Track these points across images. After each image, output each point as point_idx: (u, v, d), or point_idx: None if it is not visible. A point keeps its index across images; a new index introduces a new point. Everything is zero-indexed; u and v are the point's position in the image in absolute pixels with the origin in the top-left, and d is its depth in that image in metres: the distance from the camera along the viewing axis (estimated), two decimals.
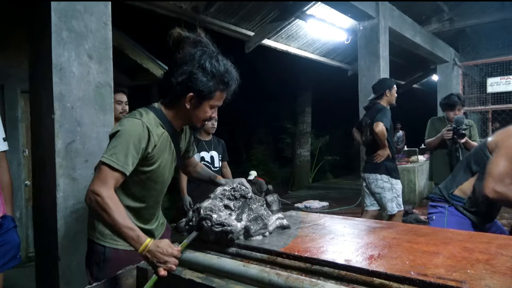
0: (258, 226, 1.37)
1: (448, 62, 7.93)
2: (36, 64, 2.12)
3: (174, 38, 1.46)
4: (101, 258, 1.51)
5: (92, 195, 1.30)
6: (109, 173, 1.33)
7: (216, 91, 1.45)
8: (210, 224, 1.30)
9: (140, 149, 1.40)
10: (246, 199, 1.46)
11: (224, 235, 1.30)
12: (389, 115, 3.61)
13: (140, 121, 1.41)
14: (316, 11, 5.94)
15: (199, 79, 1.40)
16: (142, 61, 5.31)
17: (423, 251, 1.17)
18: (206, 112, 1.49)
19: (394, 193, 3.65)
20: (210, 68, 1.41)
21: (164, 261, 1.22)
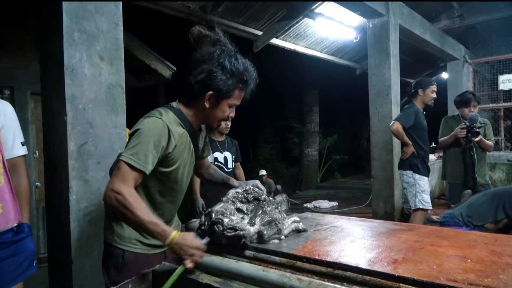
0: (272, 231, 1.33)
1: (458, 60, 7.81)
2: (47, 65, 2.11)
3: (194, 36, 1.48)
4: (119, 261, 1.50)
5: (112, 193, 1.29)
6: (128, 172, 1.32)
7: (235, 90, 1.45)
8: (221, 228, 1.28)
9: (160, 148, 1.39)
10: (260, 201, 1.43)
11: (236, 240, 1.28)
12: (410, 113, 3.72)
13: (161, 120, 1.40)
14: (324, 9, 5.89)
15: (218, 77, 1.40)
16: (150, 62, 5.30)
17: (448, 254, 1.13)
18: (225, 111, 1.49)
19: (417, 189, 3.73)
20: (230, 66, 1.41)
21: (191, 253, 1.25)
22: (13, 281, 1.63)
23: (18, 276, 1.65)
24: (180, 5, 4.72)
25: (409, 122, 3.69)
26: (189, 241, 1.27)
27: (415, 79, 4.13)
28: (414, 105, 3.80)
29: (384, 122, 4.86)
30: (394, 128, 3.70)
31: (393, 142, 4.81)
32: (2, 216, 1.55)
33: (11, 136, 1.68)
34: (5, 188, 1.58)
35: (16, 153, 1.70)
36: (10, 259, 1.62)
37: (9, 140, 1.67)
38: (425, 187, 3.76)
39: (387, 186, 4.89)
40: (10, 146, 1.67)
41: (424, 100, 3.77)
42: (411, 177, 3.76)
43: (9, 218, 1.59)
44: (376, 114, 5.02)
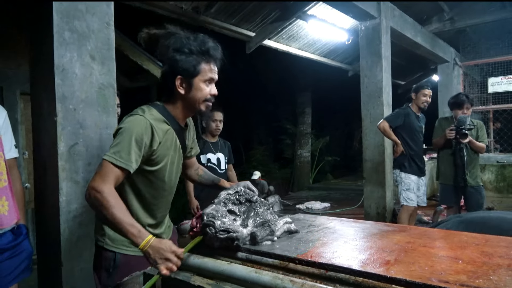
0: (265, 232, 1.32)
1: (448, 62, 7.90)
2: (37, 65, 2.08)
3: (144, 39, 1.48)
4: (110, 264, 1.48)
5: (92, 191, 1.28)
6: (110, 170, 1.31)
7: (200, 64, 1.43)
8: (214, 231, 1.27)
9: (143, 145, 1.37)
10: (252, 203, 1.42)
11: (229, 242, 1.27)
12: (399, 114, 4.05)
13: (143, 117, 1.40)
14: (317, 11, 5.92)
15: (177, 60, 1.40)
16: (143, 62, 5.27)
17: (440, 256, 1.13)
18: (203, 89, 1.45)
19: (403, 187, 4.02)
20: (184, 45, 1.41)
21: (166, 258, 1.21)
22: (9, 283, 1.62)
23: (15, 278, 1.65)
24: (173, 5, 4.70)
25: (396, 122, 4.02)
26: (166, 245, 1.24)
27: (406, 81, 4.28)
28: (407, 108, 4.09)
29: (376, 124, 4.87)
30: (380, 126, 4.05)
31: (384, 143, 4.85)
32: (8, 215, 1.58)
33: (9, 139, 1.71)
34: (8, 188, 1.61)
35: (11, 155, 1.71)
36: (8, 261, 1.62)
37: (7, 143, 1.70)
38: (411, 185, 3.99)
39: (378, 187, 4.92)
40: (8, 148, 1.70)
41: (417, 103, 4.05)
42: (398, 175, 4.08)
43: (12, 217, 1.61)
44: (368, 116, 5.05)
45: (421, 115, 4.15)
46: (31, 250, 1.73)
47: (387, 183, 4.91)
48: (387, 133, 4.05)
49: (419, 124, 4.10)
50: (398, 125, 4.01)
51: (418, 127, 4.08)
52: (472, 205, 3.84)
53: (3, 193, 1.58)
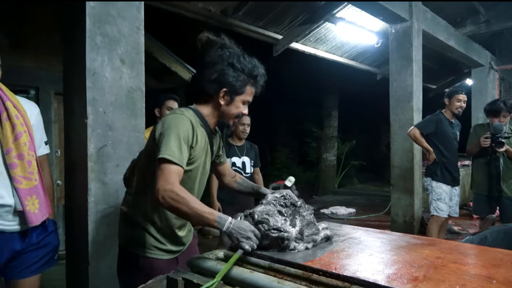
0: (311, 231, 1.36)
1: (483, 66, 7.60)
2: (69, 68, 2.15)
3: (203, 41, 1.55)
4: (134, 267, 1.51)
5: (165, 193, 1.32)
6: (171, 170, 1.36)
7: (246, 86, 1.53)
8: (267, 228, 1.30)
9: (188, 142, 1.44)
10: (296, 207, 1.44)
11: (279, 241, 1.30)
12: (431, 120, 3.89)
13: (184, 116, 1.47)
14: (346, 14, 5.83)
15: (230, 75, 1.49)
16: (171, 65, 5.36)
17: (472, 274, 1.08)
18: (239, 107, 1.56)
19: (433, 196, 3.85)
20: (239, 64, 1.50)
21: (247, 236, 1.28)
22: (33, 272, 1.70)
23: (39, 268, 1.72)
24: (201, 8, 4.75)
25: (428, 129, 3.85)
26: (246, 224, 1.31)
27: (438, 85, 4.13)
28: (439, 114, 3.92)
29: (405, 129, 4.75)
30: (411, 133, 3.89)
31: (414, 150, 4.71)
32: (39, 212, 1.63)
33: (40, 136, 1.75)
34: (39, 185, 1.66)
35: (41, 151, 1.76)
36: (35, 251, 1.69)
37: (38, 140, 1.74)
38: (442, 195, 3.81)
39: (406, 195, 4.78)
40: (38, 145, 1.74)
41: (451, 109, 3.87)
42: (429, 184, 3.92)
43: (43, 213, 1.66)
44: (397, 121, 4.93)
45: (456, 121, 3.96)
46: (57, 244, 1.80)
47: (416, 190, 4.76)
48: (418, 141, 3.90)
49: (453, 131, 3.91)
50: (430, 132, 3.84)
51: (452, 134, 3.89)
52: (508, 216, 3.66)
53: (33, 192, 1.63)
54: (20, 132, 1.59)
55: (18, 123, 1.59)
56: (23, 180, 1.59)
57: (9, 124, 1.58)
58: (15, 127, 1.58)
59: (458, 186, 4.02)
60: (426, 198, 4.81)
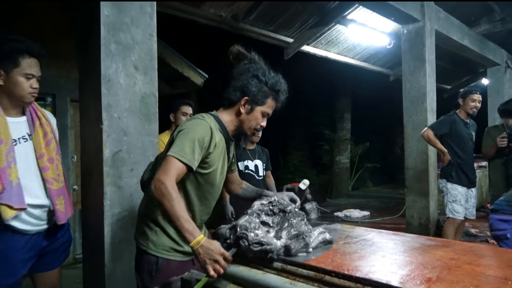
0: (299, 245, 1.31)
1: (499, 65, 7.45)
2: (85, 75, 2.20)
3: (234, 54, 1.64)
4: (153, 268, 1.54)
5: (157, 183, 1.37)
6: (174, 165, 1.41)
7: (268, 97, 1.60)
8: (247, 243, 1.28)
9: (203, 146, 1.48)
10: (286, 213, 1.41)
11: (263, 254, 1.27)
12: (445, 121, 3.82)
13: (204, 121, 1.52)
14: (357, 15, 5.81)
15: (253, 85, 1.57)
16: (183, 70, 5.42)
17: (487, 275, 1.07)
18: (258, 118, 1.61)
19: (449, 198, 3.79)
20: (263, 77, 1.58)
21: (215, 259, 1.28)
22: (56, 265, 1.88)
23: (60, 261, 1.90)
24: (213, 14, 4.80)
25: (441, 130, 3.79)
26: (215, 246, 1.30)
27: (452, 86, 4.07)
28: (453, 115, 3.86)
29: (418, 130, 4.69)
30: (424, 134, 3.84)
31: (428, 151, 4.65)
32: (65, 210, 1.80)
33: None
34: (64, 186, 1.82)
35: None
36: (58, 246, 1.86)
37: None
38: (457, 197, 3.75)
39: (421, 197, 4.72)
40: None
41: (465, 109, 3.80)
42: (445, 186, 3.86)
43: (68, 212, 1.83)
44: (411, 123, 4.87)
45: (471, 121, 3.89)
46: (71, 238, 1.96)
47: (431, 192, 4.69)
48: (432, 142, 3.84)
49: (469, 132, 3.83)
50: (444, 133, 3.79)
51: (467, 135, 3.82)
52: None
53: (61, 192, 1.78)
54: (50, 138, 1.78)
55: (48, 130, 1.78)
56: (54, 182, 1.75)
57: (42, 131, 1.76)
58: (46, 134, 1.76)
59: (475, 188, 3.94)
60: (441, 200, 4.74)
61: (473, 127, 3.90)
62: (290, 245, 1.29)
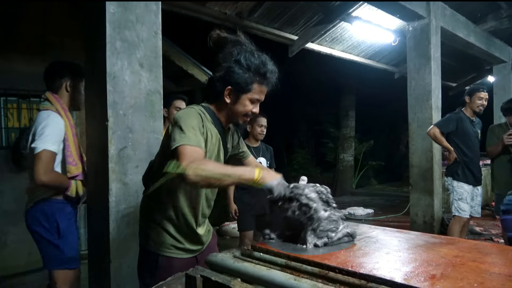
0: (328, 226, 1.35)
1: (506, 62, 7.40)
2: (90, 72, 2.22)
3: (213, 39, 1.53)
4: (153, 265, 1.54)
5: (189, 171, 1.27)
6: (191, 150, 1.33)
7: (252, 83, 1.48)
8: (300, 193, 1.34)
9: (199, 129, 1.43)
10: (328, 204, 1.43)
11: (306, 209, 1.32)
12: (451, 119, 3.82)
13: (194, 109, 1.48)
14: (361, 12, 5.79)
15: (235, 72, 1.45)
16: (188, 68, 5.44)
17: (491, 272, 1.07)
18: (246, 105, 1.51)
19: (455, 196, 3.78)
20: (245, 61, 1.46)
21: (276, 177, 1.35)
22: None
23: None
24: (217, 11, 4.81)
25: (448, 127, 3.79)
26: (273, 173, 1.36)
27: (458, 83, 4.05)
28: (459, 112, 3.85)
29: (423, 128, 4.68)
30: (431, 132, 3.84)
31: (433, 149, 4.63)
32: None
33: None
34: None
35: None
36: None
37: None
38: (463, 195, 3.74)
39: (426, 195, 4.70)
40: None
41: (472, 107, 3.79)
42: (450, 183, 3.85)
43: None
44: (416, 120, 4.85)
45: (476, 119, 3.89)
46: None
47: (436, 190, 4.68)
48: (438, 140, 3.84)
49: (474, 129, 3.84)
50: (451, 131, 3.79)
51: (474, 133, 3.82)
52: None
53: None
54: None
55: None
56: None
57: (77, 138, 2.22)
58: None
59: (480, 186, 3.93)
60: (446, 198, 4.73)
61: (478, 125, 3.89)
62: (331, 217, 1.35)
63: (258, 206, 3.22)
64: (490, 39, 6.75)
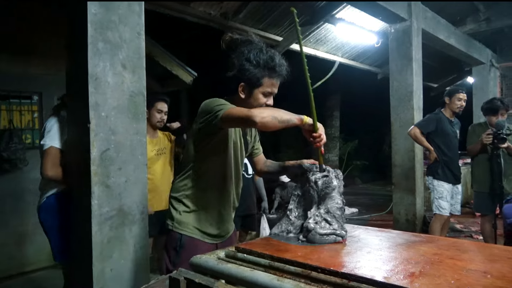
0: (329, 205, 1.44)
1: (484, 64, 7.59)
2: (72, 73, 2.18)
3: (226, 42, 1.64)
4: (177, 244, 1.64)
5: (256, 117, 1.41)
6: (237, 109, 1.48)
7: (263, 78, 1.59)
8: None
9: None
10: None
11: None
12: (431, 119, 3.92)
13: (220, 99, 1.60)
14: (345, 14, 5.86)
15: (246, 68, 1.57)
16: (172, 68, 5.39)
17: (468, 269, 1.10)
18: (259, 99, 1.62)
19: (435, 195, 3.87)
20: (254, 57, 1.57)
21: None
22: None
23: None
24: (202, 12, 4.80)
25: (428, 128, 3.88)
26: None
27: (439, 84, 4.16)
28: (439, 113, 3.94)
29: (406, 128, 4.75)
30: (411, 132, 3.94)
31: (415, 148, 4.72)
32: None
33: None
34: None
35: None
36: None
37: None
38: (443, 194, 3.83)
39: (408, 193, 4.79)
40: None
41: (451, 108, 3.89)
42: (431, 182, 3.93)
43: None
44: (398, 120, 4.94)
45: (455, 120, 3.99)
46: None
47: (418, 189, 4.77)
48: (418, 140, 3.94)
49: (453, 129, 3.95)
50: (431, 131, 3.88)
51: (452, 132, 3.93)
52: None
53: None
54: None
55: None
56: None
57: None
58: None
59: (460, 184, 4.03)
60: (428, 197, 4.83)
61: (457, 125, 3.99)
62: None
63: (244, 207, 3.23)
64: (470, 41, 6.92)
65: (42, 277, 3.85)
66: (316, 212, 1.44)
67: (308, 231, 1.39)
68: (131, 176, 2.07)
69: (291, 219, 1.52)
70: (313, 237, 1.39)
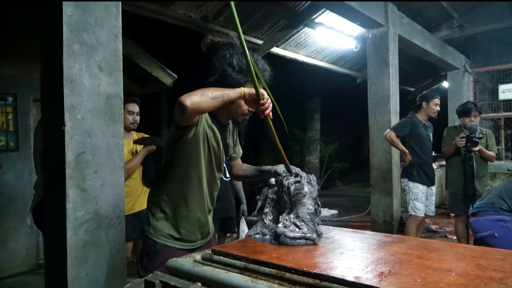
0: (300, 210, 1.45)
1: (458, 69, 7.85)
2: (47, 75, 2.14)
3: (207, 45, 1.61)
4: (151, 250, 1.63)
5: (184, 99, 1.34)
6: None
7: (246, 83, 1.55)
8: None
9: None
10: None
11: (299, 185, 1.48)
12: (406, 123, 4.03)
13: None
14: (324, 19, 5.95)
15: (228, 74, 1.54)
16: (152, 70, 5.34)
17: (435, 268, 1.14)
18: (242, 105, 1.60)
19: (411, 196, 3.98)
20: (237, 63, 1.54)
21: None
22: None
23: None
24: (182, 14, 4.79)
25: (403, 131, 3.99)
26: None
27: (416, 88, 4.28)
28: (413, 117, 4.06)
29: (383, 131, 4.86)
30: (387, 136, 4.05)
31: (392, 151, 4.83)
32: None
33: None
34: None
35: None
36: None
37: None
38: (419, 195, 3.93)
39: (386, 195, 4.90)
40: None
41: (428, 112, 4.00)
42: (406, 184, 4.04)
43: None
44: (375, 123, 5.05)
45: (428, 123, 4.12)
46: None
47: (395, 191, 4.88)
48: (394, 143, 4.04)
49: (427, 133, 4.07)
50: (405, 134, 3.99)
51: (426, 136, 4.05)
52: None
53: None
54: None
55: None
56: None
57: None
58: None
59: (434, 186, 4.15)
60: (404, 198, 4.94)
61: (430, 128, 4.12)
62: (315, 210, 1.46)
63: (222, 210, 3.23)
64: (444, 47, 7.14)
65: (19, 282, 3.75)
66: (286, 217, 1.46)
67: (278, 235, 1.41)
68: (108, 179, 2.05)
69: (265, 223, 1.54)
70: (284, 241, 1.41)
